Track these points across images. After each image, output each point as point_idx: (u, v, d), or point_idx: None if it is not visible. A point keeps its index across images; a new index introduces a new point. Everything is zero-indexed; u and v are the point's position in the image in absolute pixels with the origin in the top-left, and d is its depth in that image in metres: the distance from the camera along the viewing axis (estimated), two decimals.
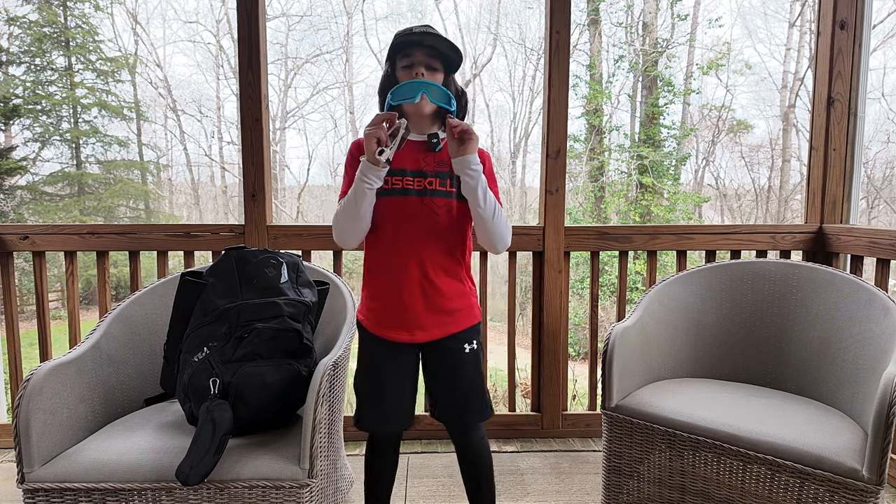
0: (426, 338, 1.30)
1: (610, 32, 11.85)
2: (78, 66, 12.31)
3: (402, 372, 1.33)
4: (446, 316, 1.31)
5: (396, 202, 1.27)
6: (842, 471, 1.24)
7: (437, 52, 1.25)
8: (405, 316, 1.29)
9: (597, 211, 11.11)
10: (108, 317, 1.60)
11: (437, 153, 1.30)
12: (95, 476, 1.24)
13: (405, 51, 1.26)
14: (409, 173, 1.27)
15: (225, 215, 14.67)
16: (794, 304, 1.75)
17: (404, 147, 1.27)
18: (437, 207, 1.28)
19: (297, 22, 14.45)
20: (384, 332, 1.32)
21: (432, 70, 1.26)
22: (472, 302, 1.36)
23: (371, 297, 1.35)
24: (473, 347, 1.34)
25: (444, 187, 1.28)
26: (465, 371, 1.33)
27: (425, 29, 1.25)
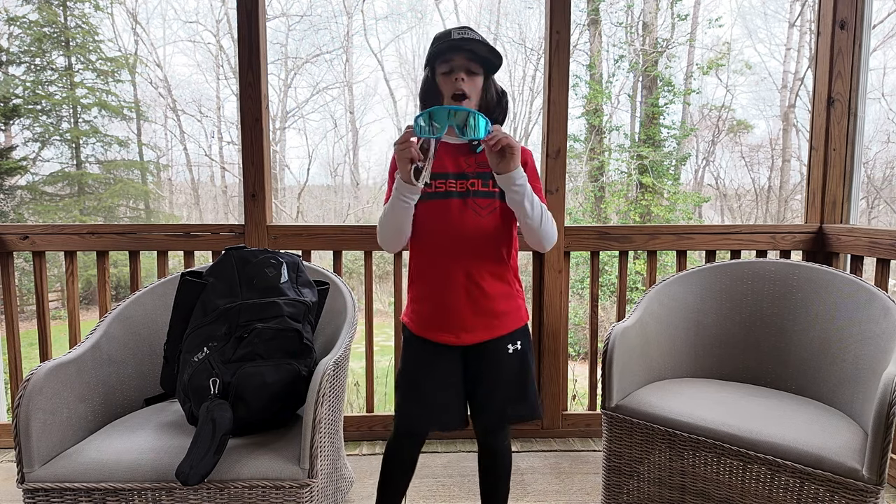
0: (472, 340, 1.29)
1: (610, 32, 11.85)
2: (78, 66, 12.30)
3: (446, 372, 1.31)
4: (493, 318, 1.30)
5: (440, 205, 1.27)
6: (842, 471, 1.24)
7: (476, 55, 1.25)
8: (451, 319, 1.29)
9: (597, 211, 11.11)
10: (108, 317, 1.60)
11: (477, 154, 1.30)
12: (95, 476, 1.24)
13: (445, 56, 1.26)
14: (451, 176, 1.28)
15: (225, 215, 14.67)
16: (794, 304, 1.75)
17: (444, 150, 1.28)
18: (481, 208, 1.27)
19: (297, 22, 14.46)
20: (429, 334, 1.31)
21: (472, 74, 1.26)
22: (519, 304, 1.36)
23: (416, 300, 1.34)
24: (517, 348, 1.33)
25: (486, 188, 1.28)
26: (506, 370, 1.31)
27: (464, 33, 1.25)
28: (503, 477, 1.43)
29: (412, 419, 1.34)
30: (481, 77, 1.28)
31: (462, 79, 1.25)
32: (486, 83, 1.30)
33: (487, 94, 1.31)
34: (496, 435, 1.39)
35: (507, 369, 1.32)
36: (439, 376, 1.32)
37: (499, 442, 1.40)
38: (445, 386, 1.32)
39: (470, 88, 1.26)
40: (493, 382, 1.32)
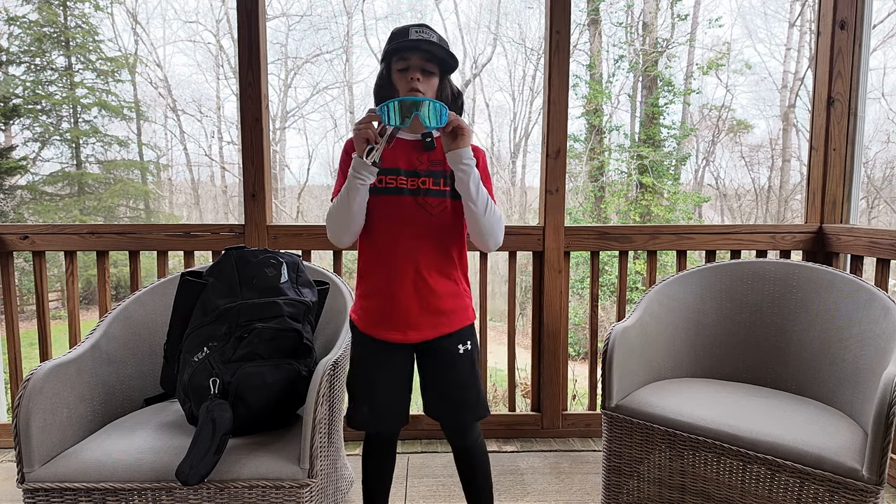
0: (419, 338, 1.30)
1: (610, 32, 11.85)
2: (78, 65, 12.31)
3: (396, 371, 1.32)
4: (440, 316, 1.30)
5: (390, 201, 1.27)
6: (842, 471, 1.24)
7: (433, 55, 1.25)
8: (398, 315, 1.29)
9: (597, 211, 11.11)
10: (108, 317, 1.60)
11: (431, 152, 1.30)
12: (95, 476, 1.24)
13: (401, 54, 1.26)
14: (402, 172, 1.28)
15: (225, 215, 14.67)
16: (794, 304, 1.75)
17: (398, 146, 1.28)
18: (431, 207, 1.28)
19: (297, 22, 14.47)
20: (376, 332, 1.31)
21: (428, 74, 1.26)
22: (467, 303, 1.36)
23: (364, 297, 1.34)
24: (468, 347, 1.34)
25: (437, 186, 1.28)
26: (459, 371, 1.32)
27: (421, 32, 1.24)
28: (483, 477, 1.42)
29: (365, 420, 1.34)
30: (437, 77, 1.28)
31: (417, 78, 1.24)
32: (442, 83, 1.30)
33: (443, 94, 1.30)
34: (466, 435, 1.39)
35: (461, 371, 1.32)
36: (389, 375, 1.32)
37: (470, 441, 1.40)
38: (395, 385, 1.33)
39: (425, 88, 1.25)
40: (446, 382, 1.33)
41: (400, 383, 1.34)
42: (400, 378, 1.33)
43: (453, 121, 1.19)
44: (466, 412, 1.34)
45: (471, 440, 1.39)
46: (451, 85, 1.33)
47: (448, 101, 1.31)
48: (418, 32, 1.24)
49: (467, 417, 1.36)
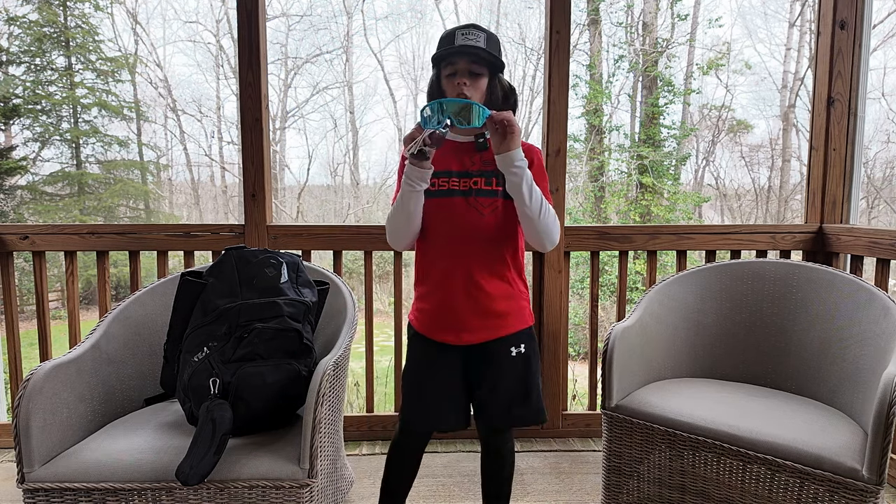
0: (472, 340, 1.29)
1: (610, 32, 11.84)
2: (78, 66, 12.30)
3: (448, 372, 1.32)
4: (494, 319, 1.29)
5: (442, 203, 1.27)
6: (842, 471, 1.24)
7: (479, 58, 1.25)
8: (452, 318, 1.29)
9: (597, 211, 11.10)
10: (108, 317, 1.60)
11: (483, 153, 1.30)
12: (95, 476, 1.24)
13: (448, 59, 1.26)
14: (454, 174, 1.28)
15: (225, 215, 14.67)
16: (794, 304, 1.75)
17: (450, 148, 1.30)
18: (483, 207, 1.27)
19: (297, 22, 14.45)
20: (431, 334, 1.32)
21: (475, 76, 1.26)
22: (522, 305, 1.35)
23: (420, 299, 1.35)
24: (521, 351, 1.31)
25: (489, 186, 1.28)
26: (508, 373, 1.31)
27: (467, 35, 1.24)
28: (506, 478, 1.43)
29: (413, 418, 1.34)
30: (485, 78, 1.28)
31: (465, 83, 1.25)
32: (492, 83, 1.29)
33: (492, 94, 1.29)
34: (499, 436, 1.40)
35: (510, 372, 1.31)
36: (441, 376, 1.32)
37: (502, 443, 1.40)
38: (446, 386, 1.32)
39: (472, 92, 1.26)
40: (494, 385, 1.32)
41: (453, 384, 1.32)
42: (452, 378, 1.32)
43: (498, 117, 1.17)
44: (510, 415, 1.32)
45: (504, 441, 1.40)
46: (503, 83, 1.32)
47: (499, 100, 1.30)
48: (465, 36, 1.24)
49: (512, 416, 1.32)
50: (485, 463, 1.44)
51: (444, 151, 1.29)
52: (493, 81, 1.30)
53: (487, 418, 1.35)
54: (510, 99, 1.33)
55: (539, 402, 1.34)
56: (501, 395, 1.32)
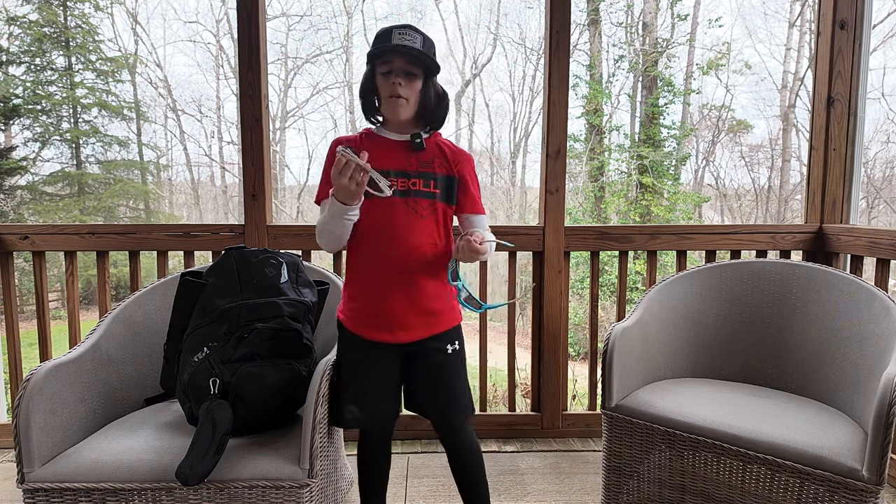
0: (408, 338, 1.30)
1: (610, 32, 11.85)
2: (78, 66, 12.30)
3: (384, 370, 1.33)
4: (429, 317, 1.31)
5: (379, 203, 1.26)
6: (842, 471, 1.24)
7: (416, 58, 1.25)
8: (388, 317, 1.29)
9: (597, 211, 11.10)
10: (108, 317, 1.60)
11: (420, 153, 1.30)
12: (95, 476, 1.24)
13: (384, 56, 1.26)
14: (392, 174, 1.27)
15: (225, 215, 14.67)
16: (794, 304, 1.75)
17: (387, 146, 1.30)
18: (421, 208, 1.28)
19: (297, 22, 14.45)
20: (365, 332, 1.32)
21: (411, 77, 1.26)
22: (454, 304, 1.37)
23: (352, 298, 1.35)
24: (456, 348, 1.35)
25: (427, 188, 1.29)
26: (449, 371, 1.33)
27: (404, 36, 1.24)
28: (477, 476, 1.42)
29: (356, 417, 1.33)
30: (420, 80, 1.27)
31: (400, 83, 1.25)
32: (426, 86, 1.29)
33: (426, 96, 1.29)
34: (457, 434, 1.39)
35: (450, 371, 1.33)
36: (377, 374, 1.33)
37: (463, 441, 1.40)
38: (383, 383, 1.33)
39: (407, 91, 1.25)
40: (436, 382, 1.33)
41: (389, 381, 1.34)
42: (389, 376, 1.34)
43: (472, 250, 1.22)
44: (457, 411, 1.35)
45: (463, 440, 1.39)
46: (436, 86, 1.32)
47: (432, 103, 1.30)
48: (401, 36, 1.24)
49: (458, 417, 1.36)
50: (452, 466, 1.43)
51: (379, 149, 1.29)
52: (428, 84, 1.29)
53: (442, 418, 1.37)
54: (442, 103, 1.33)
55: (470, 395, 1.38)
56: (445, 393, 1.33)
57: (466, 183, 1.35)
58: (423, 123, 1.33)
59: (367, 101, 1.33)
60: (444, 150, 1.33)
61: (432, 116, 1.32)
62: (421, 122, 1.33)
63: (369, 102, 1.33)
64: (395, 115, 1.28)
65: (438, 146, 1.34)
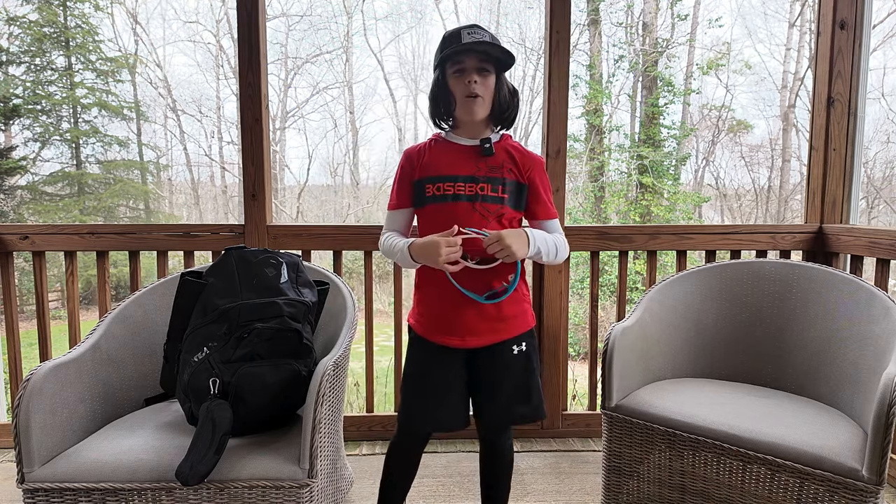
0: (477, 343, 1.29)
1: (610, 32, 11.85)
2: (78, 66, 12.30)
3: (450, 374, 1.32)
4: (498, 322, 1.30)
5: (447, 208, 1.27)
6: (842, 471, 1.24)
7: (488, 55, 1.24)
8: (457, 323, 1.29)
9: (597, 211, 11.10)
10: (108, 317, 1.60)
11: (489, 158, 1.30)
12: (95, 476, 1.24)
13: (456, 57, 1.25)
14: (461, 178, 1.27)
15: (225, 215, 14.66)
16: (794, 304, 1.75)
17: (456, 151, 1.31)
18: (489, 213, 1.28)
19: (297, 22, 14.44)
20: (435, 337, 1.32)
21: (484, 74, 1.26)
22: (526, 308, 1.36)
23: (422, 302, 1.35)
24: (522, 349, 1.33)
25: (496, 193, 1.28)
26: (510, 370, 1.32)
27: (474, 33, 1.24)
28: (505, 477, 1.43)
29: (414, 418, 1.34)
30: (493, 76, 1.28)
31: (475, 81, 1.24)
32: (499, 82, 1.29)
33: (500, 93, 1.29)
34: (499, 435, 1.40)
35: (512, 370, 1.32)
36: (443, 377, 1.32)
37: (502, 442, 1.40)
38: (448, 387, 1.32)
39: (482, 89, 1.25)
40: (497, 382, 1.32)
41: (457, 385, 1.33)
42: (457, 380, 1.33)
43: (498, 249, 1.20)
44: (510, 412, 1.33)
45: (504, 440, 1.40)
46: (507, 83, 1.32)
47: (506, 99, 1.30)
48: (471, 34, 1.24)
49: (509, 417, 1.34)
50: (484, 462, 1.44)
51: (449, 155, 1.30)
52: (500, 80, 1.29)
53: (490, 417, 1.36)
54: (515, 99, 1.32)
55: (539, 399, 1.35)
56: (504, 393, 1.32)
57: (537, 188, 1.34)
58: (494, 123, 1.33)
59: (440, 106, 1.31)
60: (514, 156, 1.32)
61: (504, 115, 1.32)
62: (493, 121, 1.32)
63: (442, 107, 1.31)
64: (471, 115, 1.27)
65: (508, 151, 1.32)
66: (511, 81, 1.35)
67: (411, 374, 1.36)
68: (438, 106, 1.32)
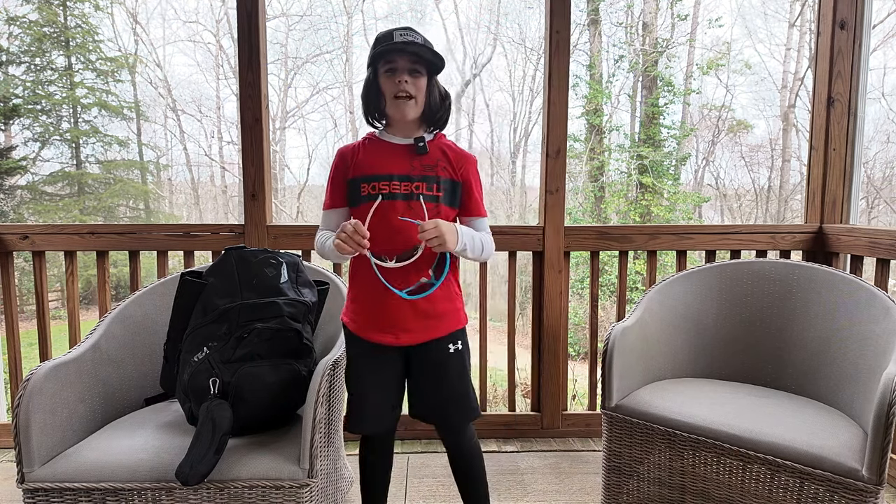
0: (411, 341, 1.30)
1: (610, 32, 11.85)
2: (78, 65, 12.30)
3: (387, 373, 1.33)
4: (432, 320, 1.30)
5: (383, 206, 1.26)
6: (842, 471, 1.24)
7: (420, 57, 1.25)
8: (390, 320, 1.29)
9: (597, 211, 11.11)
10: (108, 317, 1.60)
11: (423, 156, 1.30)
12: (95, 476, 1.24)
13: (388, 56, 1.26)
14: (395, 177, 1.27)
15: (225, 215, 14.66)
16: (794, 304, 1.75)
17: (390, 150, 1.31)
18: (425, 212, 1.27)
19: (297, 22, 14.44)
20: (368, 335, 1.32)
21: (416, 75, 1.26)
22: (458, 306, 1.36)
23: (355, 300, 1.35)
24: (458, 347, 1.34)
25: (430, 191, 1.28)
26: (450, 372, 1.32)
27: (406, 34, 1.24)
28: (476, 474, 1.42)
29: (361, 421, 1.33)
30: (425, 78, 1.27)
31: (406, 80, 1.24)
32: (430, 84, 1.29)
33: (431, 95, 1.29)
34: (460, 436, 1.39)
35: (451, 372, 1.32)
36: (381, 377, 1.33)
37: (465, 442, 1.40)
38: (388, 386, 1.33)
39: (414, 89, 1.25)
40: (439, 387, 1.33)
41: (392, 384, 1.34)
42: (392, 379, 1.34)
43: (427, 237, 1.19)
44: (458, 413, 1.34)
45: (465, 441, 1.39)
46: (439, 86, 1.32)
47: (437, 102, 1.30)
48: (403, 35, 1.24)
49: (459, 418, 1.36)
50: (453, 466, 1.43)
51: (382, 154, 1.30)
52: (432, 83, 1.29)
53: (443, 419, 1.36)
54: (446, 102, 1.32)
55: (474, 397, 1.37)
56: (447, 393, 1.33)
57: (471, 187, 1.35)
58: (426, 125, 1.33)
59: (370, 104, 1.31)
60: (448, 154, 1.33)
61: (436, 117, 1.32)
62: (424, 123, 1.32)
63: (372, 106, 1.32)
64: (402, 115, 1.27)
65: (442, 149, 1.33)
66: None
67: (353, 376, 1.35)
68: (370, 104, 1.32)
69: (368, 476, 1.43)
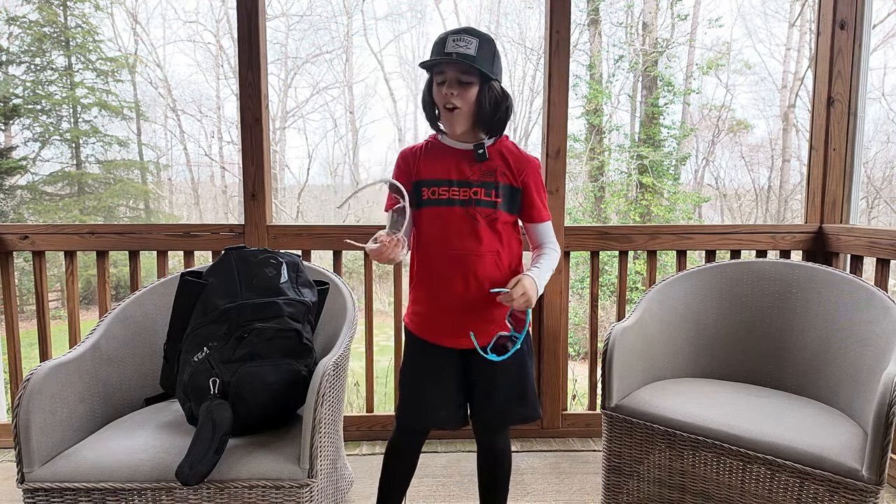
0: (471, 345, 1.29)
1: (610, 32, 11.85)
2: (78, 65, 12.29)
3: (445, 372, 1.33)
4: (491, 324, 1.30)
5: (441, 212, 1.28)
6: (842, 471, 1.24)
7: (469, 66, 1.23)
8: (450, 323, 1.30)
9: (597, 211, 11.10)
10: (108, 317, 1.60)
11: (482, 162, 1.29)
12: (95, 476, 1.24)
13: (438, 67, 1.25)
14: (454, 183, 1.28)
15: (225, 215, 14.66)
16: (794, 304, 1.75)
17: (450, 156, 1.30)
18: (483, 217, 1.28)
19: (297, 22, 14.44)
20: (429, 337, 1.33)
21: (465, 85, 1.23)
22: None
23: (417, 302, 1.35)
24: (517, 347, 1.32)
25: (489, 197, 1.28)
26: (506, 371, 1.32)
27: (458, 42, 1.21)
28: (503, 479, 1.43)
29: (411, 416, 1.35)
30: (475, 87, 1.24)
31: (452, 93, 1.23)
32: (482, 91, 1.25)
33: (482, 103, 1.25)
34: (496, 436, 1.40)
35: (507, 370, 1.32)
36: (438, 376, 1.33)
37: (499, 443, 1.41)
38: (444, 385, 1.33)
39: (461, 101, 1.24)
40: (492, 383, 1.33)
41: (450, 383, 1.33)
42: (450, 380, 1.33)
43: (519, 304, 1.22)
44: (507, 412, 1.34)
45: (501, 441, 1.40)
46: (493, 91, 1.26)
47: (488, 111, 1.26)
48: (455, 43, 1.21)
49: (507, 417, 1.35)
50: (482, 464, 1.45)
51: (442, 158, 1.30)
52: (483, 90, 1.25)
53: (486, 417, 1.36)
54: (501, 106, 1.27)
55: (534, 399, 1.36)
56: (500, 394, 1.33)
57: (531, 192, 1.34)
58: (483, 130, 1.31)
59: (428, 112, 1.32)
60: (508, 158, 1.31)
61: (490, 124, 1.29)
62: (481, 129, 1.30)
63: (429, 114, 1.32)
64: (450, 127, 1.28)
65: (502, 154, 1.32)
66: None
67: (407, 373, 1.37)
68: (428, 112, 1.33)
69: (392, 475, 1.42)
